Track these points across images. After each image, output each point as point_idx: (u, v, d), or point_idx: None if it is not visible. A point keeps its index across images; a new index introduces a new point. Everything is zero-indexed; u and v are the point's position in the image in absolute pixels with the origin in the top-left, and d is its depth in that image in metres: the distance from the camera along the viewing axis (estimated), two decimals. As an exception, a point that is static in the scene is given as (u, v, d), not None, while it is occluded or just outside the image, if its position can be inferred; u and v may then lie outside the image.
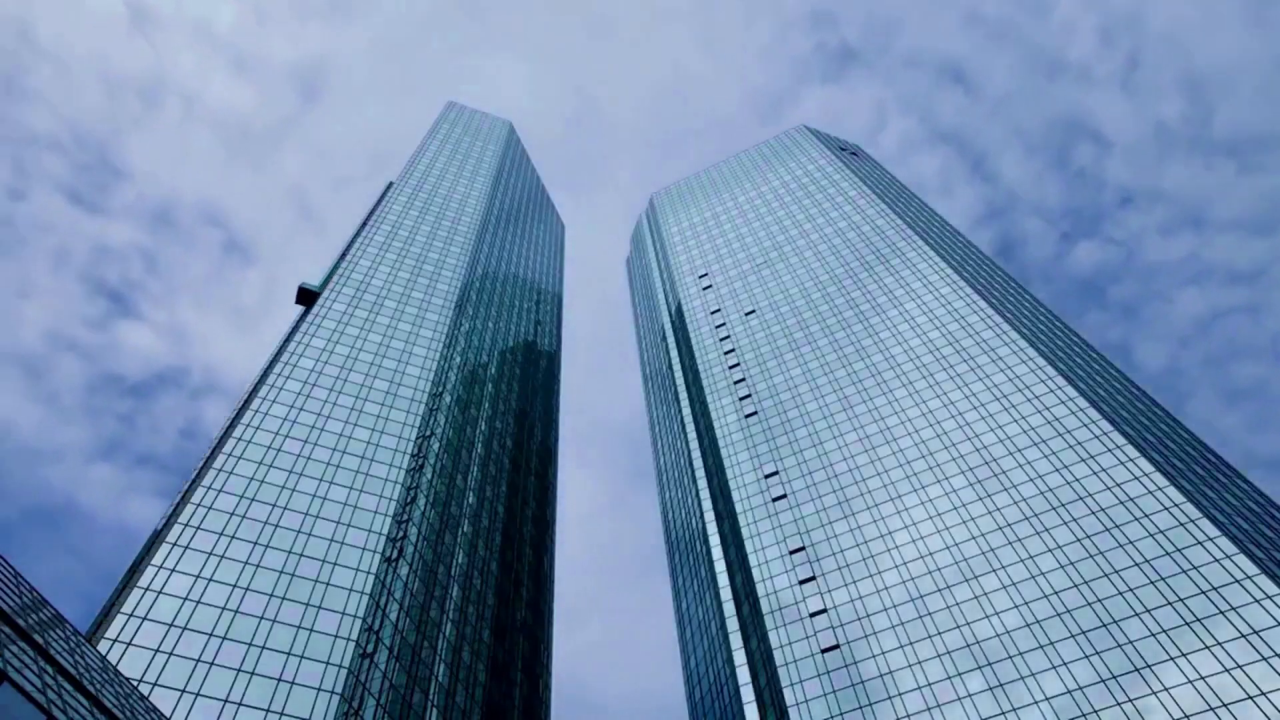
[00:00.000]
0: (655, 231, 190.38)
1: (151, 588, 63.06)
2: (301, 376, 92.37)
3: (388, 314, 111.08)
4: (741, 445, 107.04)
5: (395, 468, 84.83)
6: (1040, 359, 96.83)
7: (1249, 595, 64.51)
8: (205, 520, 70.65)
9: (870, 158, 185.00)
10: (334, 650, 63.83)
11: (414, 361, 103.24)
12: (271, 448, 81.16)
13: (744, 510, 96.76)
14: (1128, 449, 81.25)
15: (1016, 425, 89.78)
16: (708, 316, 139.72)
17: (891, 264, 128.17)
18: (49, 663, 27.87)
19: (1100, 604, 69.18)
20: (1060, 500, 79.54)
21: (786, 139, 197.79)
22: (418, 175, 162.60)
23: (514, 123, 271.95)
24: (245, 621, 63.46)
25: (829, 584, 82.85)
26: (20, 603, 30.68)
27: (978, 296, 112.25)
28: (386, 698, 65.34)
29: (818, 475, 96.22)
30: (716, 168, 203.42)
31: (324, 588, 68.91)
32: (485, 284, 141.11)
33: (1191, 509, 72.88)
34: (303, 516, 75.02)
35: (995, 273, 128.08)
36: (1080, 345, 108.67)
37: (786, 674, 76.10)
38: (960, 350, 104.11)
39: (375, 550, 74.34)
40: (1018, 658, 68.58)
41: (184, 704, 55.88)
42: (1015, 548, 77.44)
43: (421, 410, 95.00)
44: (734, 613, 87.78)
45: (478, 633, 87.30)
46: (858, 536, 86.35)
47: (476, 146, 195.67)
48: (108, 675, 35.47)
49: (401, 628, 72.10)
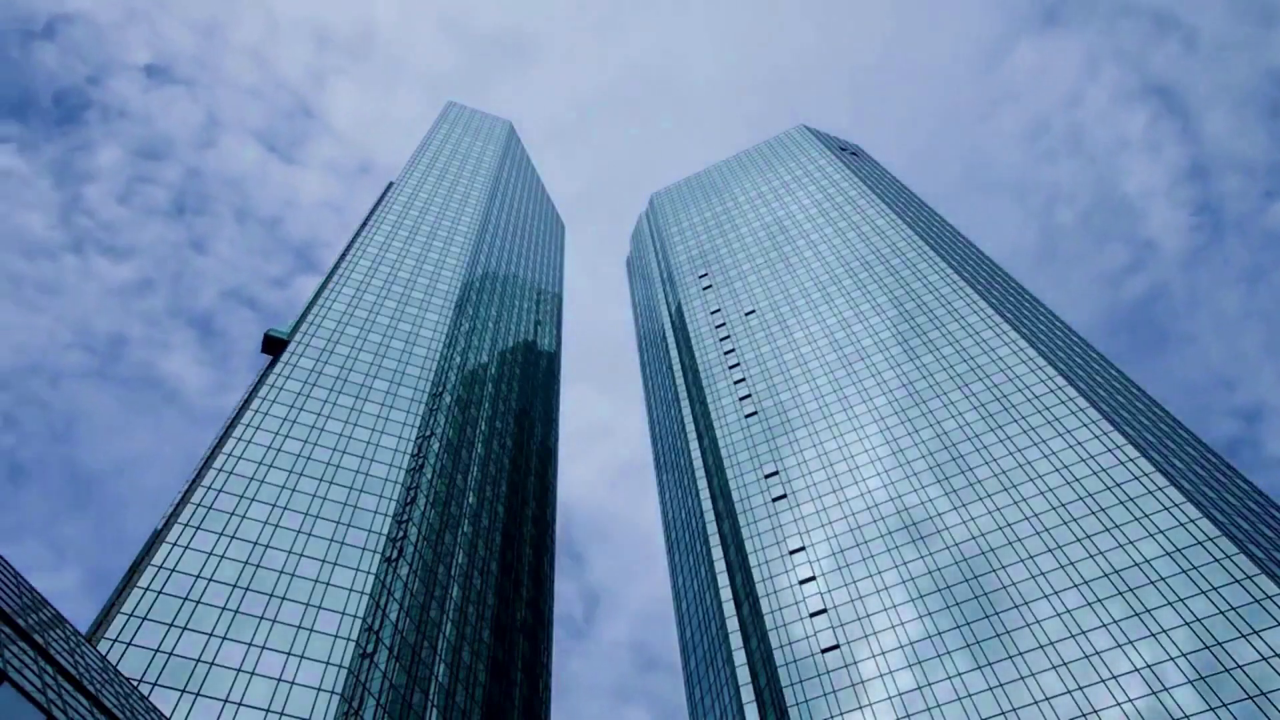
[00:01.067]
0: (655, 231, 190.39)
1: (151, 587, 63.07)
2: (301, 376, 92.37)
3: (388, 314, 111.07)
4: (741, 445, 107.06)
5: (395, 468, 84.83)
6: (1040, 359, 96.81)
7: (1249, 595, 64.53)
8: (205, 520, 70.66)
9: (870, 157, 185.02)
10: (334, 650, 63.84)
11: (414, 361, 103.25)
12: (271, 448, 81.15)
13: (744, 510, 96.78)
14: (1127, 449, 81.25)
15: (1016, 425, 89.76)
16: (708, 316, 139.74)
17: (891, 264, 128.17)
18: (49, 663, 27.87)
19: (1101, 604, 69.18)
20: (1060, 500, 79.52)
21: (786, 139, 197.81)
22: (418, 175, 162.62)
23: (514, 123, 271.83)
24: (245, 621, 63.47)
25: (829, 584, 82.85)
26: (20, 603, 30.68)
27: (978, 297, 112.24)
28: (386, 698, 65.35)
29: (818, 475, 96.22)
30: (716, 168, 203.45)
31: (324, 588, 68.92)
32: (485, 284, 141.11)
33: (1192, 509, 72.89)
34: (303, 516, 75.03)
35: (996, 272, 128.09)
36: (1079, 343, 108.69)
37: (786, 674, 76.10)
38: (960, 350, 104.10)
39: (375, 550, 74.35)
40: (1017, 658, 68.60)
41: (184, 704, 55.89)
42: (1015, 547, 77.44)
43: (421, 410, 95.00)
44: (734, 613, 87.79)
45: (478, 633, 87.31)
46: (858, 537, 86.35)
47: (477, 146, 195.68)
48: (108, 675, 35.47)
49: (401, 628, 72.12)
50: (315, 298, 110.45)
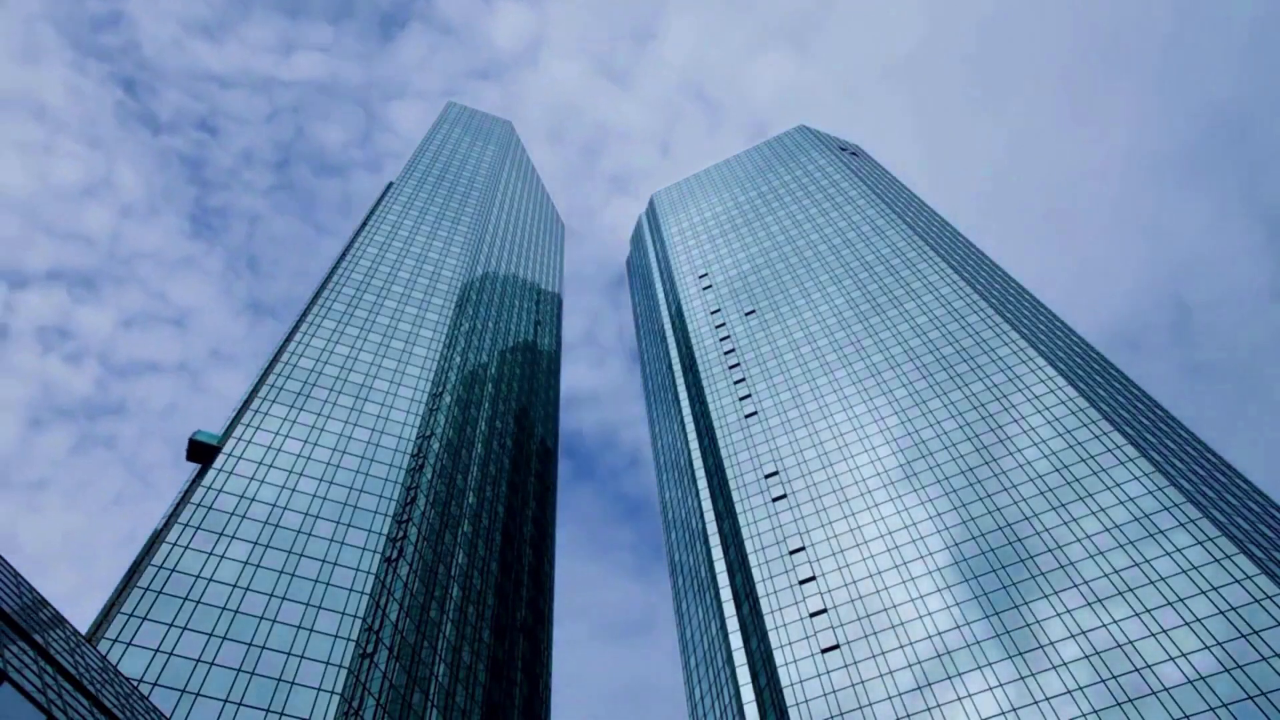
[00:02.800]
0: (655, 231, 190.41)
1: (152, 588, 63.08)
2: (301, 376, 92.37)
3: (388, 314, 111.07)
4: (741, 445, 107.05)
5: (395, 468, 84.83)
6: (1040, 359, 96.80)
7: (1249, 595, 64.52)
8: (205, 520, 70.66)
9: (870, 157, 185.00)
10: (334, 650, 63.85)
11: (414, 361, 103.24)
12: (271, 448, 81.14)
13: (744, 510, 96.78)
14: (1127, 449, 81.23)
15: (1016, 425, 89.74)
16: (708, 316, 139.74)
17: (891, 264, 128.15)
18: (49, 663, 27.87)
19: (1101, 604, 69.18)
20: (1060, 500, 79.50)
21: (787, 139, 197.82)
22: (418, 175, 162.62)
23: (514, 122, 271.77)
24: (245, 621, 63.48)
25: (829, 584, 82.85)
26: (20, 603, 30.68)
27: (978, 297, 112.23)
28: (386, 698, 65.34)
29: (818, 475, 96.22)
30: (716, 168, 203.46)
31: (324, 588, 68.92)
32: (485, 284, 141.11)
33: (1191, 509, 72.88)
34: (303, 516, 75.02)
35: (995, 273, 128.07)
36: (1079, 344, 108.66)
37: (786, 674, 76.10)
38: (960, 350, 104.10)
39: (375, 550, 74.35)
40: (1017, 658, 68.60)
41: (184, 704, 55.89)
42: (1015, 547, 77.42)
43: (421, 410, 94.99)
44: (734, 613, 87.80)
45: (478, 633, 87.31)
46: (858, 536, 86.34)
47: (477, 146, 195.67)
48: (108, 675, 35.46)
49: (401, 628, 72.11)
50: (315, 297, 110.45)
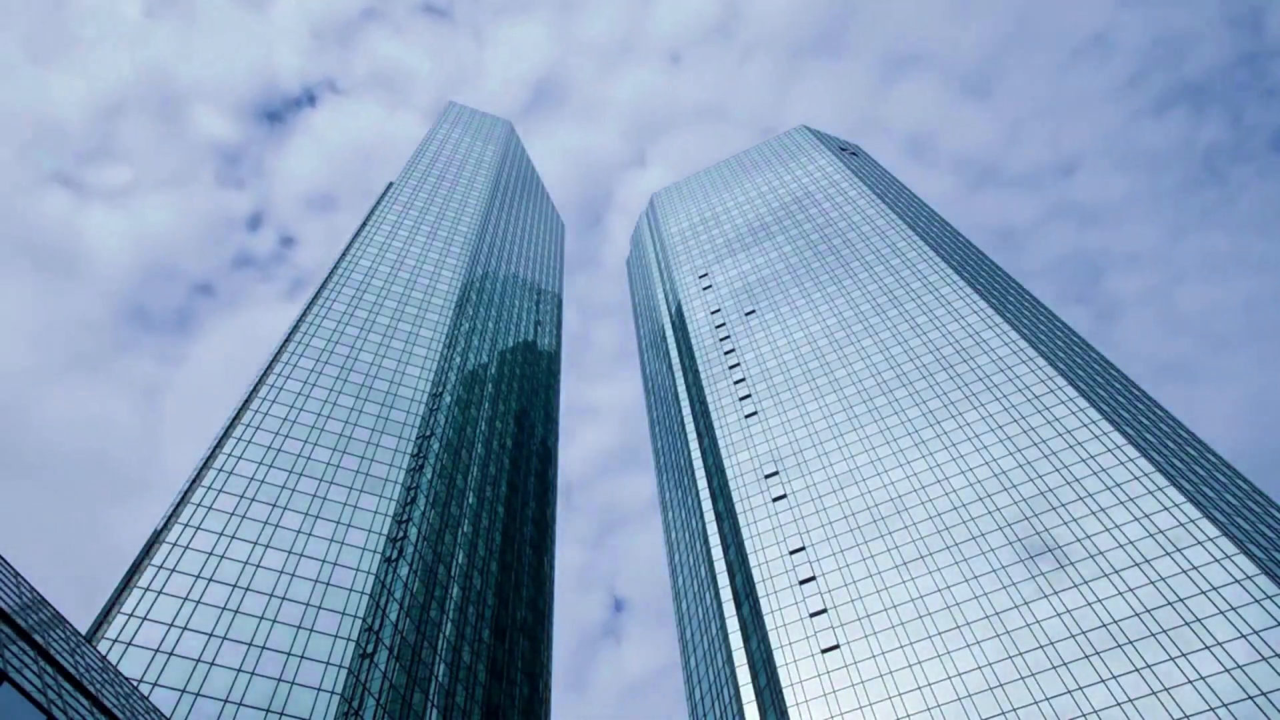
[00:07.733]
0: (655, 231, 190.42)
1: (151, 588, 63.07)
2: (301, 376, 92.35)
3: (388, 314, 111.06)
4: (741, 445, 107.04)
5: (395, 468, 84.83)
6: (1040, 359, 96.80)
7: (1249, 595, 64.52)
8: (205, 520, 70.65)
9: (869, 157, 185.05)
10: (334, 650, 63.84)
11: (414, 361, 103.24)
12: (271, 448, 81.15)
13: (744, 510, 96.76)
14: (1127, 449, 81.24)
15: (1016, 426, 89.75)
16: (708, 316, 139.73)
17: (891, 263, 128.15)
18: (49, 663, 27.86)
19: (1101, 604, 69.17)
20: (1060, 500, 79.51)
21: (787, 139, 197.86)
22: (418, 175, 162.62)
23: (514, 122, 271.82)
24: (245, 621, 63.47)
25: (829, 584, 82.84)
26: (20, 603, 30.67)
27: (978, 297, 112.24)
28: (386, 698, 65.34)
29: (818, 475, 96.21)
30: (717, 168, 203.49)
31: (324, 588, 68.91)
32: (485, 284, 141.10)
33: (1192, 509, 72.88)
34: (303, 516, 75.02)
35: (995, 273, 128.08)
36: (1080, 343, 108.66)
37: (786, 674, 76.09)
38: (960, 350, 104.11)
39: (375, 550, 74.35)
40: (1017, 658, 68.59)
41: (184, 704, 55.88)
42: (1015, 547, 77.43)
43: (421, 410, 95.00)
44: (734, 613, 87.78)
45: (478, 633, 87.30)
46: (858, 537, 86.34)
47: (477, 146, 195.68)
48: (108, 675, 35.45)
49: (401, 628, 72.11)
50: (315, 297, 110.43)
